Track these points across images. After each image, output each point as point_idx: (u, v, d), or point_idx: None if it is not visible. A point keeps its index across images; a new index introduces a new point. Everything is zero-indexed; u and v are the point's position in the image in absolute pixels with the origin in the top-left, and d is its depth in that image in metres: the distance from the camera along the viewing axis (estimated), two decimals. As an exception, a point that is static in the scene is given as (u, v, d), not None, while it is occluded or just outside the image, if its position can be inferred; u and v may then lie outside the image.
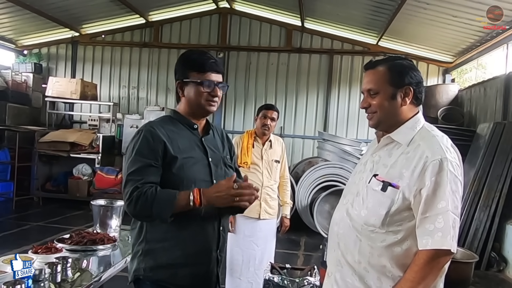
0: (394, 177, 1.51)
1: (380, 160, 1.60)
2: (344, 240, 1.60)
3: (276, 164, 3.63)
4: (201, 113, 1.87)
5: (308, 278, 2.91)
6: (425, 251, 1.43)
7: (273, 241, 3.72)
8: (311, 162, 8.09)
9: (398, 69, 1.58)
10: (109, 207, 2.86)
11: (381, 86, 1.57)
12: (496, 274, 4.81)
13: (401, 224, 1.49)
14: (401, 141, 1.56)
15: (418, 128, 1.57)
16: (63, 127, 9.54)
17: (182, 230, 1.73)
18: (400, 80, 1.57)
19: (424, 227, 1.43)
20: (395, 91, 1.57)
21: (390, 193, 1.50)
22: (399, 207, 1.48)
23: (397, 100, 1.57)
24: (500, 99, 6.24)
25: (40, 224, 6.77)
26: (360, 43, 9.39)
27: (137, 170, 1.69)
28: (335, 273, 1.63)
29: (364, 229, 1.54)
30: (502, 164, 5.31)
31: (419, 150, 1.49)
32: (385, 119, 1.60)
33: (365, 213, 1.54)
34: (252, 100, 9.66)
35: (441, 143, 1.50)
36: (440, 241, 1.40)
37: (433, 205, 1.43)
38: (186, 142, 1.81)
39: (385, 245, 1.50)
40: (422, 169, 1.45)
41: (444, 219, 1.41)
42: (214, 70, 1.81)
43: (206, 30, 9.91)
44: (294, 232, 6.00)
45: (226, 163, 1.94)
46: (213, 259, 1.83)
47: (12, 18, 8.83)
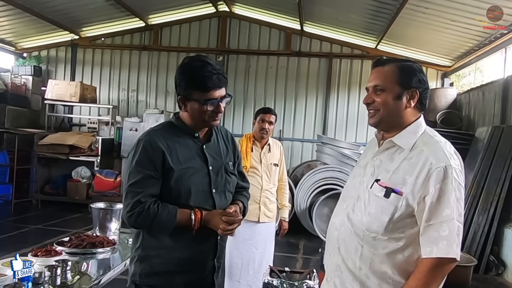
0: (397, 183, 1.48)
1: (382, 164, 1.57)
2: (344, 245, 1.58)
3: (275, 167, 3.64)
4: (203, 127, 1.87)
5: (307, 281, 2.91)
6: (430, 259, 1.41)
7: (272, 244, 3.72)
8: (310, 165, 8.10)
9: (408, 70, 1.56)
10: (108, 210, 2.87)
11: (389, 84, 1.54)
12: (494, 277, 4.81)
13: (404, 231, 1.48)
14: (404, 146, 1.53)
15: (420, 132, 1.55)
16: (62, 129, 9.54)
17: (177, 239, 1.76)
18: (408, 82, 1.54)
19: (428, 235, 1.42)
20: (402, 91, 1.54)
21: (394, 200, 1.47)
22: (403, 213, 1.46)
23: (402, 101, 1.54)
24: (498, 103, 6.25)
25: (39, 227, 6.76)
26: (359, 47, 9.41)
27: (137, 182, 1.71)
28: (334, 278, 1.61)
29: (366, 235, 1.51)
30: (500, 168, 5.32)
31: (423, 156, 1.46)
32: (387, 118, 1.56)
33: (368, 219, 1.52)
34: (251, 104, 9.66)
35: (445, 149, 1.48)
36: (445, 249, 1.39)
37: (437, 213, 1.41)
38: (186, 152, 1.81)
39: (387, 252, 1.49)
40: (426, 176, 1.43)
41: (449, 227, 1.39)
42: (217, 86, 1.77)
43: (206, 33, 9.92)
44: (293, 235, 6.01)
45: (228, 170, 1.93)
46: (208, 267, 1.84)
47: (11, 21, 8.83)
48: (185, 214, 1.73)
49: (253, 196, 3.17)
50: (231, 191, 1.94)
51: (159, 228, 1.72)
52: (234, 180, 1.96)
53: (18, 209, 7.65)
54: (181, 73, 1.81)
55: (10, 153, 8.09)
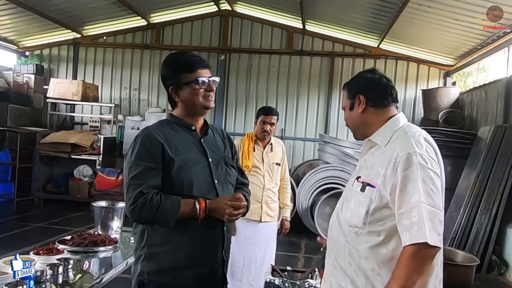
0: (373, 177, 1.54)
1: (364, 163, 1.67)
2: (336, 243, 1.64)
3: (277, 166, 3.63)
4: (200, 112, 1.88)
5: (309, 280, 2.90)
6: (406, 248, 1.41)
7: (274, 243, 3.72)
8: (312, 164, 8.09)
9: (352, 84, 1.75)
10: (110, 208, 2.87)
11: (344, 102, 1.76)
12: (497, 277, 4.81)
13: (383, 224, 1.50)
14: (380, 143, 1.62)
15: (396, 128, 1.61)
16: (64, 128, 9.56)
17: (183, 233, 1.74)
18: (352, 92, 1.72)
19: (402, 223, 1.43)
20: (352, 101, 1.71)
21: (368, 192, 1.53)
22: (378, 205, 1.50)
23: (355, 109, 1.70)
24: (501, 103, 6.24)
25: (40, 225, 6.77)
26: (361, 45, 9.39)
27: (138, 174, 1.70)
28: (331, 278, 1.65)
29: (349, 231, 1.57)
30: (503, 168, 5.31)
31: (391, 148, 1.53)
32: (354, 128, 1.74)
33: (349, 214, 1.59)
34: (253, 102, 9.65)
35: (412, 138, 1.52)
36: (417, 235, 1.38)
37: (405, 200, 1.42)
38: (184, 144, 1.81)
39: (369, 246, 1.51)
40: (393, 166, 1.48)
41: (418, 212, 1.39)
42: (203, 67, 1.83)
43: (208, 32, 9.92)
44: (294, 234, 6.00)
45: (228, 162, 1.94)
46: (218, 260, 1.84)
47: (14, 20, 8.84)
48: (189, 203, 1.70)
49: (255, 195, 3.17)
50: (232, 183, 1.94)
51: (164, 219, 1.67)
52: (234, 173, 1.97)
53: (20, 207, 7.67)
54: (166, 66, 1.87)
55: (12, 151, 8.12)
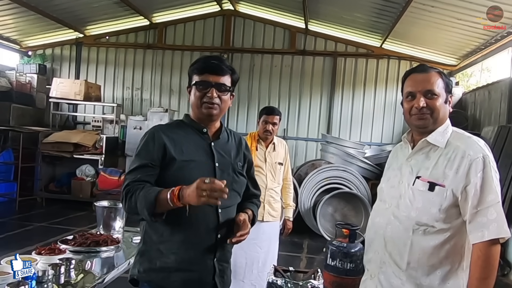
0: (438, 178, 1.62)
1: (418, 163, 1.70)
2: (393, 242, 1.69)
3: (279, 166, 3.62)
4: (202, 117, 1.80)
5: (311, 281, 2.89)
6: (482, 243, 1.51)
7: (276, 243, 3.71)
8: (314, 164, 8.07)
9: (447, 78, 1.75)
10: (112, 208, 2.87)
11: (440, 90, 1.69)
12: (500, 278, 4.79)
13: (450, 222, 1.60)
14: (439, 144, 1.67)
15: (449, 132, 1.71)
16: (67, 128, 9.58)
17: (175, 234, 1.72)
18: (449, 88, 1.73)
19: (477, 221, 1.53)
20: (447, 96, 1.72)
21: (439, 192, 1.60)
22: (449, 204, 1.58)
23: (447, 104, 1.72)
24: (504, 103, 6.21)
25: (43, 224, 6.78)
26: (364, 45, 9.38)
27: (133, 170, 1.71)
28: (379, 275, 1.72)
29: (416, 229, 1.63)
30: (506, 168, 5.28)
31: (460, 151, 1.61)
32: (439, 121, 1.71)
33: (416, 213, 1.64)
34: (256, 102, 9.66)
35: (478, 142, 1.63)
36: (497, 230, 1.51)
37: (482, 199, 1.53)
38: (191, 146, 1.78)
39: (436, 243, 1.60)
40: (465, 166, 1.57)
41: (496, 210, 1.52)
42: (213, 72, 1.74)
43: (210, 32, 9.92)
44: (297, 234, 6.00)
45: (236, 169, 1.85)
46: (208, 268, 1.78)
47: (16, 19, 8.86)
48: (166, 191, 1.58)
49: (257, 195, 3.16)
50: (238, 192, 1.86)
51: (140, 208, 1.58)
52: (242, 181, 1.88)
53: (22, 207, 7.68)
54: (191, 65, 1.83)
55: (14, 151, 8.12)
